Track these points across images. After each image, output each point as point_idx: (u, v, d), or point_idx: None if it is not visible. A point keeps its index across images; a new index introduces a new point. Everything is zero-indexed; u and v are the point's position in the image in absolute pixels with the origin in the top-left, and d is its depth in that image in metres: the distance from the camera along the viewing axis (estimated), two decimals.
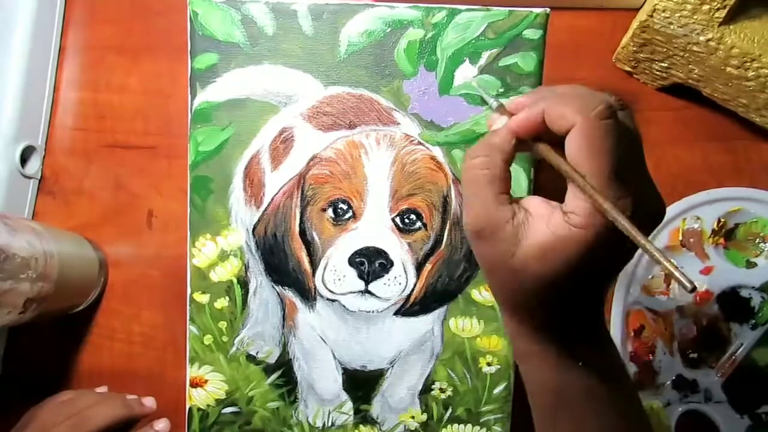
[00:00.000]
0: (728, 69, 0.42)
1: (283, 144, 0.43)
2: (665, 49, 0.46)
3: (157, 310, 0.53)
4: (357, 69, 0.42)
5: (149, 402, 0.51)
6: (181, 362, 0.51)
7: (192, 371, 0.46)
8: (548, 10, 0.40)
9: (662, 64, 0.46)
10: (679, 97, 0.49)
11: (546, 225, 0.26)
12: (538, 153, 0.28)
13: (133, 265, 0.54)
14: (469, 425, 0.45)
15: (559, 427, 0.31)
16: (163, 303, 0.53)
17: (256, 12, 0.42)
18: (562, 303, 0.28)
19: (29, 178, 0.53)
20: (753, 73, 0.42)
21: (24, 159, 0.52)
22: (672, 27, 0.42)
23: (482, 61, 0.41)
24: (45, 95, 0.54)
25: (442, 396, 0.45)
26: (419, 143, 0.42)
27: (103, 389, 0.52)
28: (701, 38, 0.42)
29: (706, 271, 0.44)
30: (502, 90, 0.41)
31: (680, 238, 0.43)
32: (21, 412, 0.51)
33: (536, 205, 0.28)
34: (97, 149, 0.54)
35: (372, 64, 0.42)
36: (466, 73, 0.41)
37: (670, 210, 0.42)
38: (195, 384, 0.46)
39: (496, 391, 0.44)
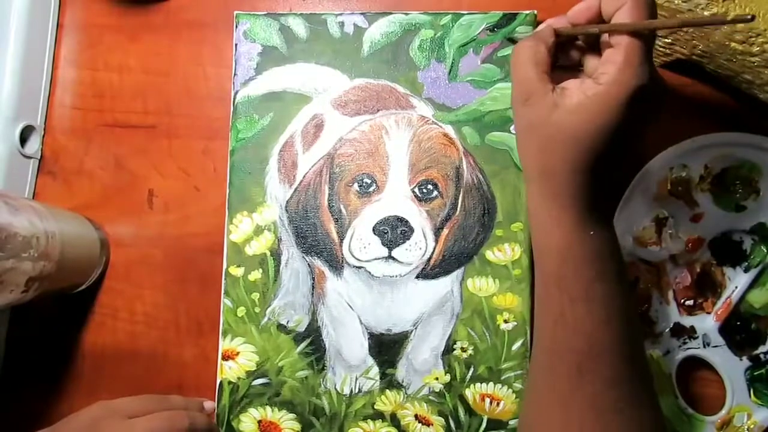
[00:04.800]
0: (732, 44, 0.42)
1: (314, 128, 0.49)
2: None
3: (159, 290, 0.53)
4: (378, 63, 0.49)
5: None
6: (182, 341, 0.52)
7: (224, 344, 0.48)
8: (535, 11, 0.49)
9: (666, 40, 0.46)
10: (682, 74, 0.49)
11: (579, 90, 0.34)
12: (585, 30, 0.37)
13: (135, 244, 0.53)
14: (491, 383, 0.47)
15: (563, 284, 0.35)
16: (165, 282, 0.53)
17: (292, 22, 0.50)
18: (584, 162, 0.33)
19: (29, 157, 0.52)
20: (758, 48, 0.41)
21: (23, 139, 0.52)
22: (676, 1, 0.42)
23: (483, 54, 0.49)
24: (43, 74, 0.54)
25: (464, 355, 0.47)
26: (433, 122, 0.49)
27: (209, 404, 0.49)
28: (705, 13, 0.41)
29: (697, 218, 0.46)
30: (501, 77, 0.48)
31: (668, 187, 0.45)
32: (24, 391, 0.51)
33: (571, 82, 0.35)
34: (96, 128, 0.54)
35: (391, 59, 0.49)
36: (470, 64, 0.49)
37: (656, 161, 0.45)
38: (227, 357, 0.48)
39: (515, 347, 0.47)
